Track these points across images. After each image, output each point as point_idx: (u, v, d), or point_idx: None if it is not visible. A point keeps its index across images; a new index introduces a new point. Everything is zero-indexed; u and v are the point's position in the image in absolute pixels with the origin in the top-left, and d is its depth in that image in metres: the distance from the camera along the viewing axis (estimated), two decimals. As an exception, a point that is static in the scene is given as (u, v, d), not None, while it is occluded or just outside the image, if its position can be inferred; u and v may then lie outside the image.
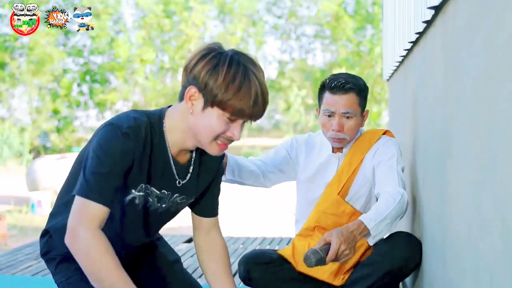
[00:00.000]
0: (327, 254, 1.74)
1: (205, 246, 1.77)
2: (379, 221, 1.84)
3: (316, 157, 2.30)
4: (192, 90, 1.45)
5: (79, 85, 20.18)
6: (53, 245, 1.67)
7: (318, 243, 1.77)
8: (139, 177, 1.53)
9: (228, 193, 10.68)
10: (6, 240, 6.89)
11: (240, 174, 2.28)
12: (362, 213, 2.23)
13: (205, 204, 1.75)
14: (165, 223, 1.76)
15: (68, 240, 1.43)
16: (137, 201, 1.58)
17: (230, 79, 1.41)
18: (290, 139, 2.39)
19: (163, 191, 1.61)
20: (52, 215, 1.69)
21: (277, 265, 2.25)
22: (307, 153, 2.32)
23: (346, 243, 1.76)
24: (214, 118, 1.45)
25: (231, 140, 1.52)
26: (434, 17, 1.81)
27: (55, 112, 19.48)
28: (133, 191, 1.55)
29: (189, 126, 1.51)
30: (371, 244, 1.88)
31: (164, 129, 1.54)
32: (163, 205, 1.64)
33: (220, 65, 1.42)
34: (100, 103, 19.94)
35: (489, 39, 1.09)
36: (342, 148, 2.26)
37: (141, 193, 1.57)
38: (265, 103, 1.47)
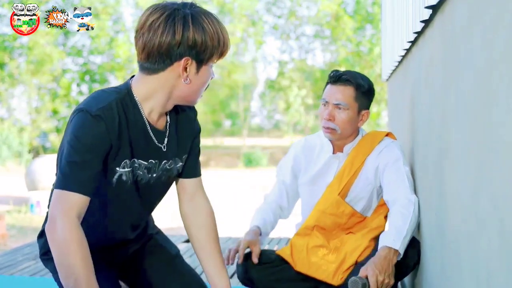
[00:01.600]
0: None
1: (191, 215, 1.75)
2: (402, 239, 1.92)
3: (316, 159, 2.31)
4: (187, 60, 1.47)
5: (78, 85, 20.16)
6: None
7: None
8: (121, 154, 1.52)
9: (228, 193, 10.68)
10: (6, 240, 6.88)
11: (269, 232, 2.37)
12: (361, 214, 2.24)
13: (187, 164, 1.73)
14: (161, 196, 1.74)
15: (46, 229, 1.44)
16: (124, 177, 1.56)
17: (215, 33, 1.48)
18: (288, 153, 2.43)
19: (150, 160, 1.60)
20: (47, 215, 1.69)
21: (276, 265, 2.25)
22: (306, 157, 2.34)
23: (382, 273, 1.83)
24: (207, 73, 1.53)
25: None
26: (432, 16, 1.80)
27: (55, 112, 19.46)
28: (117, 169, 1.54)
29: (177, 93, 1.53)
30: (399, 259, 1.95)
31: (136, 99, 1.53)
32: (154, 175, 1.63)
33: (204, 24, 1.47)
34: (100, 103, 19.92)
35: (487, 38, 1.09)
36: (342, 148, 2.26)
37: (126, 169, 1.55)
38: None
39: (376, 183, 2.22)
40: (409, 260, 2.03)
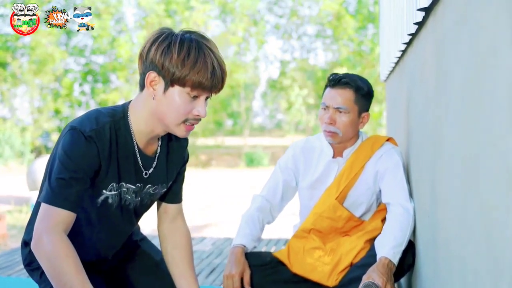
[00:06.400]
0: None
1: (170, 235, 1.78)
2: (401, 252, 1.96)
3: (316, 163, 2.30)
4: (152, 75, 1.47)
5: (80, 85, 20.18)
6: None
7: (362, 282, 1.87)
8: (108, 177, 1.54)
9: (229, 193, 10.67)
10: (6, 240, 6.90)
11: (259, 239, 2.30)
12: (359, 219, 2.24)
13: (171, 191, 1.76)
14: (142, 216, 1.77)
15: (33, 246, 1.44)
16: (110, 200, 1.59)
17: (184, 55, 1.44)
18: (287, 152, 2.40)
19: (137, 184, 1.62)
20: (29, 225, 1.68)
21: (272, 267, 2.25)
22: (306, 159, 2.33)
23: (389, 281, 1.87)
24: (176, 97, 1.47)
25: (198, 120, 1.53)
26: (425, 18, 1.80)
27: (57, 112, 19.49)
28: (104, 191, 1.56)
29: (153, 111, 1.52)
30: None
31: (130, 123, 1.55)
32: (138, 198, 1.66)
33: (172, 43, 1.45)
34: (102, 103, 19.92)
35: (475, 41, 1.09)
36: (342, 152, 2.26)
37: (113, 192, 1.57)
38: (223, 73, 1.49)
39: (376, 188, 2.22)
40: (404, 262, 2.04)
